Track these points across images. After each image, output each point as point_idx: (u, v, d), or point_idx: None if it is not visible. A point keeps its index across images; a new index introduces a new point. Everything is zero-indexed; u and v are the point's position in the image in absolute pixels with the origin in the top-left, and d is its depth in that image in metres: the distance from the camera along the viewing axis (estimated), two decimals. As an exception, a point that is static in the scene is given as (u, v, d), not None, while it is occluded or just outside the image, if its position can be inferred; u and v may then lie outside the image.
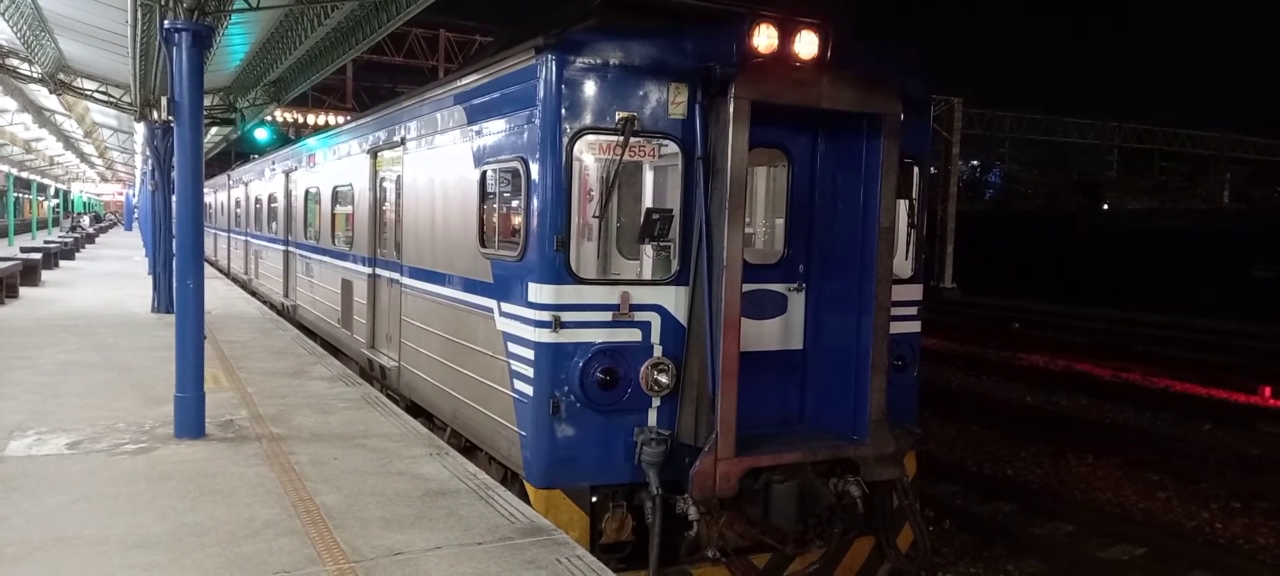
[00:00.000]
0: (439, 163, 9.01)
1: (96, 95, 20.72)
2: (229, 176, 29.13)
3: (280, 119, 37.41)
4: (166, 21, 8.22)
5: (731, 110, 6.46)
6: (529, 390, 6.91)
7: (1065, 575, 9.40)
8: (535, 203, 6.81)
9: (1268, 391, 17.66)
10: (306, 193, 16.03)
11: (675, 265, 6.99)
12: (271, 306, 18.92)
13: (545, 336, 6.73)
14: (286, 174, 18.00)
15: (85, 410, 9.11)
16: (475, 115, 8.08)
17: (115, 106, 20.69)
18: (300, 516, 6.17)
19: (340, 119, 31.26)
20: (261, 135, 27.86)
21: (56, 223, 67.90)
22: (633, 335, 6.88)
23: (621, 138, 6.65)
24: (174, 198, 8.60)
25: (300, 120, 39.48)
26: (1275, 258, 29.57)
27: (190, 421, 8.15)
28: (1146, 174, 67.29)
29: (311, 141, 16.52)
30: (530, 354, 6.86)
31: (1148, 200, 64.07)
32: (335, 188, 13.67)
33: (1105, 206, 62.32)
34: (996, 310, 32.41)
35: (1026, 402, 17.41)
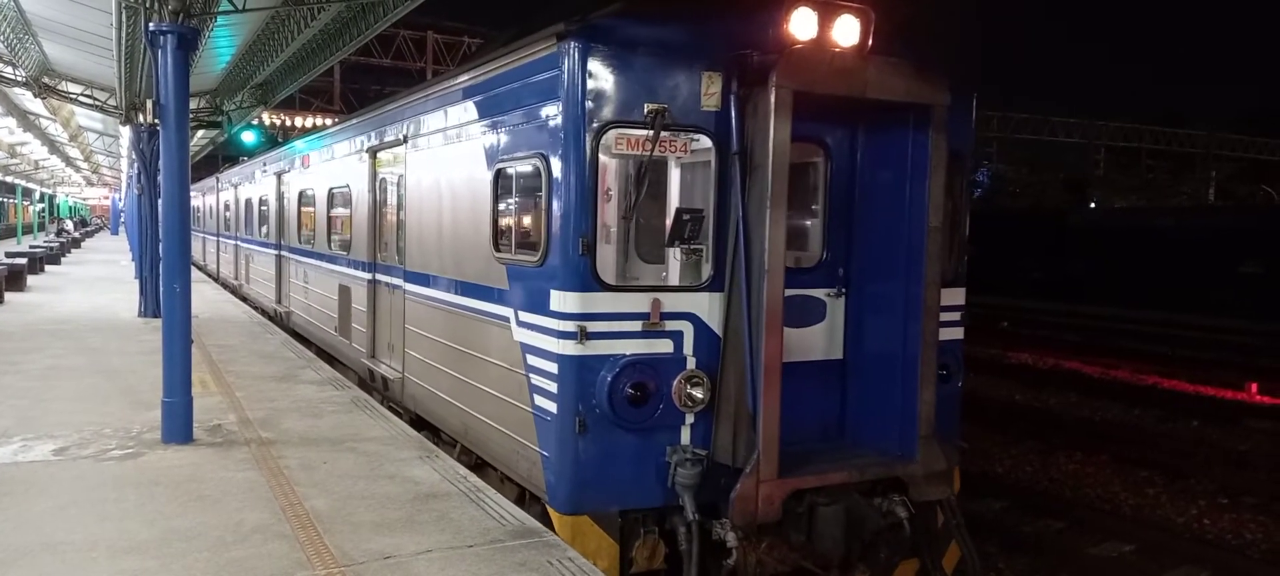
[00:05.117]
0: (447, 161, 8.55)
1: (81, 99, 20.58)
2: (217, 179, 28.96)
3: (267, 121, 37.33)
4: (151, 24, 8.19)
5: (772, 100, 5.99)
6: (552, 406, 6.43)
7: (1055, 572, 9.43)
8: (557, 203, 6.33)
9: (1254, 387, 17.77)
10: (300, 194, 15.67)
11: (708, 270, 6.53)
12: (264, 313, 18.77)
13: (570, 348, 6.24)
14: (278, 175, 17.70)
15: (72, 415, 9.05)
16: (488, 109, 7.63)
17: (100, 110, 20.57)
18: (289, 520, 6.14)
19: (328, 121, 31.19)
20: (248, 138, 27.79)
21: (42, 227, 67.50)
22: (664, 346, 6.40)
23: (651, 132, 6.19)
24: (160, 201, 8.56)
25: (287, 122, 39.38)
26: (1261, 254, 29.75)
27: (178, 426, 8.11)
28: (1133, 172, 67.63)
29: (305, 142, 16.16)
30: (553, 367, 6.39)
31: (1134, 198, 64.40)
32: (331, 189, 13.23)
33: (1092, 205, 62.62)
34: (986, 309, 32.44)
35: (1016, 400, 17.46)
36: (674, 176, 7.14)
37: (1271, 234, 29.92)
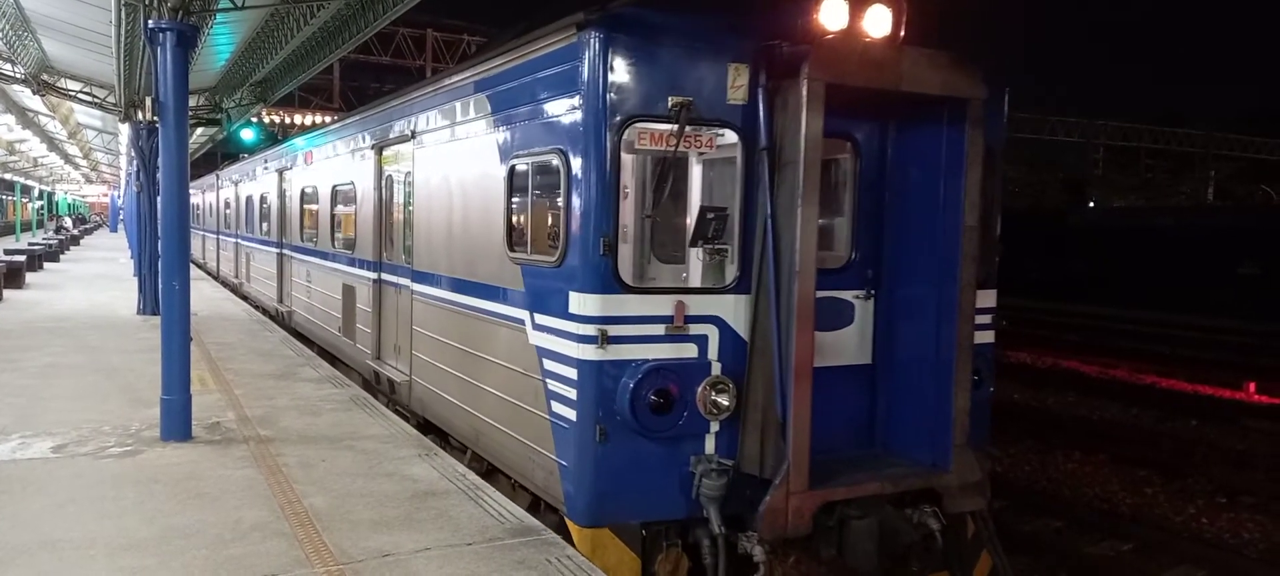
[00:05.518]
0: (457, 157, 8.29)
1: (80, 96, 20.59)
2: (217, 176, 28.90)
3: (266, 119, 37.36)
4: (151, 21, 8.20)
5: (804, 93, 5.75)
6: (571, 414, 6.18)
7: (1053, 571, 9.44)
8: (577, 201, 6.08)
9: (1253, 387, 17.78)
10: (303, 192, 15.48)
11: (733, 270, 6.29)
12: (265, 312, 18.70)
13: (590, 353, 5.99)
14: (280, 172, 17.52)
15: (71, 413, 9.05)
16: (502, 103, 7.37)
17: (99, 107, 20.58)
18: (288, 518, 6.14)
19: (327, 118, 31.15)
20: (247, 136, 27.72)
21: (41, 224, 67.48)
22: (688, 351, 6.16)
23: (675, 126, 5.94)
24: (159, 199, 8.57)
25: (286, 120, 39.43)
26: (1260, 254, 29.77)
27: (177, 424, 8.12)
28: (1132, 171, 67.72)
29: (308, 138, 15.96)
30: (572, 372, 6.15)
31: (1133, 198, 64.43)
32: (335, 186, 12.97)
33: (1091, 204, 62.70)
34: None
35: (1014, 399, 17.47)
36: (695, 172, 6.92)
37: (1270, 234, 29.95)
